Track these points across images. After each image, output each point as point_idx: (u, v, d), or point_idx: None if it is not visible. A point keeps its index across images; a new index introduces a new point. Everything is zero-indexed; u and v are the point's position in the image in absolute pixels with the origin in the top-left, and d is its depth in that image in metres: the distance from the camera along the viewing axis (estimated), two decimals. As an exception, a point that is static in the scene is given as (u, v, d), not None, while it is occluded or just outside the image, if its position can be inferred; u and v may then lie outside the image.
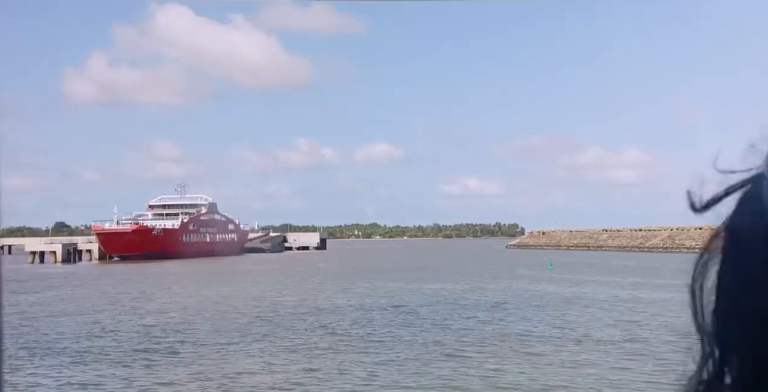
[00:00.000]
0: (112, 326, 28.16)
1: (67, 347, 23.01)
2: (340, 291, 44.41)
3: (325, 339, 23.04)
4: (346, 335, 24.39)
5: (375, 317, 29.74)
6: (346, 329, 25.90)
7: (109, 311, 34.09)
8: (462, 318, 28.79)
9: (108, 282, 56.49)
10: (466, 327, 25.87)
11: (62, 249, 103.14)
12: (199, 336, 24.85)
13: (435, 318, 28.89)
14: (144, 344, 23.38)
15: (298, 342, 22.76)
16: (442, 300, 36.85)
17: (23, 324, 29.04)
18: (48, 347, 23.10)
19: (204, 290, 46.58)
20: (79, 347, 23.03)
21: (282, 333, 24.94)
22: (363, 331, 24.96)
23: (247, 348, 22.27)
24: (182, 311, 33.55)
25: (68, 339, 24.53)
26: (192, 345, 23.03)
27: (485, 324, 26.74)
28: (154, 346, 22.89)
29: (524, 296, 38.54)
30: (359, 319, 28.73)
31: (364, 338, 23.36)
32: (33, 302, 39.26)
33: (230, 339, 24.10)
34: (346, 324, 27.48)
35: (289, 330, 26.00)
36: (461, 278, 56.06)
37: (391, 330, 25.34)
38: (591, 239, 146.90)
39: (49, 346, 23.27)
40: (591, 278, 53.61)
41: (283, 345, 22.39)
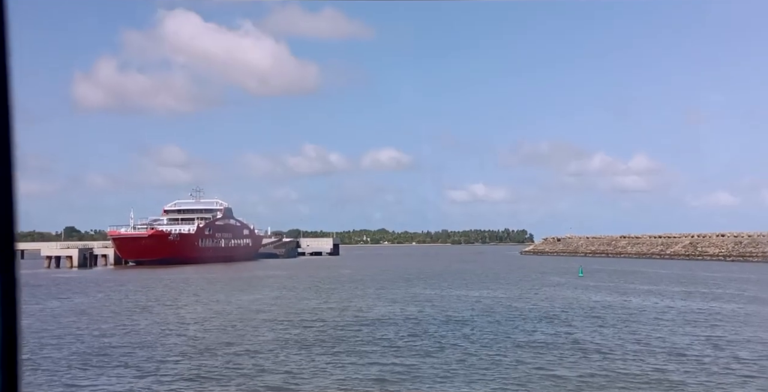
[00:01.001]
0: (161, 335, 26.72)
1: (124, 357, 21.56)
2: (379, 299, 42.88)
3: (398, 358, 21.28)
4: (414, 350, 22.77)
5: (433, 329, 28.17)
6: (411, 343, 24.22)
7: (148, 320, 32.63)
8: (526, 331, 27.16)
9: (133, 287, 55.09)
10: (538, 341, 24.21)
11: (78, 254, 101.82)
12: (261, 347, 23.34)
13: (498, 331, 27.24)
14: (205, 358, 21.90)
15: (371, 359, 21.10)
16: (492, 310, 35.28)
17: (70, 332, 27.63)
18: (104, 355, 21.66)
19: (236, 297, 45.13)
20: (136, 358, 21.57)
21: (346, 346, 23.33)
22: (429, 346, 23.23)
23: (316, 360, 20.79)
24: (226, 319, 32.07)
25: (121, 350, 23.09)
26: (261, 357, 21.52)
27: (557, 337, 25.08)
28: (213, 361, 21.41)
29: (575, 305, 36.96)
30: (418, 332, 27.12)
31: (434, 354, 21.63)
32: (68, 309, 37.88)
33: (295, 350, 22.60)
34: (405, 335, 25.91)
35: (352, 343, 24.43)
36: (496, 285, 54.55)
37: (459, 344, 23.76)
38: (609, 246, 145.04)
39: (106, 354, 21.85)
40: (631, 286, 52.02)
41: (352, 362, 20.83)
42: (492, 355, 21.23)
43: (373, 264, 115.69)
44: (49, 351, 23.08)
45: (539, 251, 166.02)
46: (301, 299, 42.88)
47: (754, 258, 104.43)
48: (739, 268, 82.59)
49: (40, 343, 24.63)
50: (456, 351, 21.80)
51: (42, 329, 28.82)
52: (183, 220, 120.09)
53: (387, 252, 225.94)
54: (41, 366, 20.40)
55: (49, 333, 27.66)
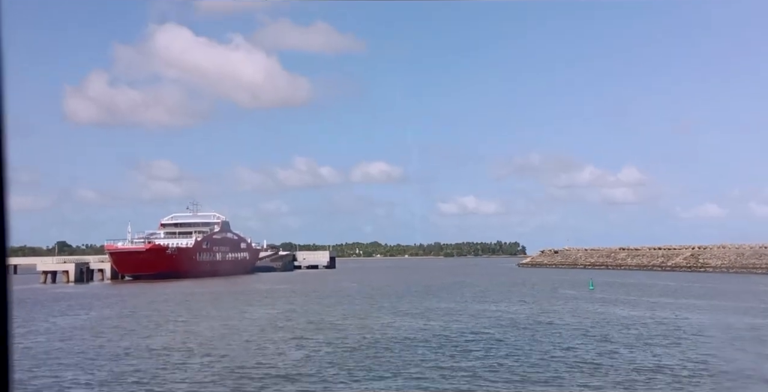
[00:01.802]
0: (187, 355, 25.42)
1: (156, 381, 20.28)
2: (399, 314, 41.64)
3: (450, 381, 20.11)
4: (464, 371, 21.53)
5: (470, 347, 26.98)
6: (456, 364, 22.92)
7: (167, 337, 31.31)
8: (570, 349, 25.91)
9: (138, 303, 53.64)
10: (590, 361, 22.84)
11: (75, 268, 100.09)
12: (297, 369, 22.07)
13: (541, 349, 25.92)
14: (243, 381, 20.64)
15: (423, 383, 19.88)
16: (521, 325, 34.15)
17: (90, 352, 26.29)
18: (138, 382, 20.37)
19: (249, 312, 43.82)
20: (169, 383, 20.31)
21: (390, 368, 22.08)
22: (477, 367, 21.91)
23: (362, 382, 19.60)
24: (248, 336, 30.76)
25: (149, 373, 21.79)
26: (305, 381, 20.30)
27: (607, 357, 23.75)
28: (253, 386, 20.17)
29: (605, 320, 35.84)
30: (456, 351, 25.79)
31: (486, 377, 20.40)
32: (79, 326, 36.48)
33: (334, 371, 21.38)
34: (446, 355, 24.70)
35: (394, 364, 23.18)
36: (511, 298, 53.42)
37: (506, 364, 22.58)
38: (609, 258, 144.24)
39: (138, 380, 20.57)
40: (652, 299, 51.03)
41: (405, 386, 19.64)
42: (550, 377, 20.04)
43: (374, 277, 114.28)
44: (75, 373, 21.78)
45: (537, 263, 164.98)
46: (317, 314, 41.57)
47: (758, 269, 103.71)
48: (747, 280, 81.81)
49: (61, 364, 23.33)
50: (507, 372, 20.59)
51: (59, 348, 27.51)
52: (180, 234, 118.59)
53: (382, 265, 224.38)
54: (70, 390, 19.14)
55: (66, 352, 26.35)
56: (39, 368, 22.30)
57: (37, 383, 19.53)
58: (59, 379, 20.56)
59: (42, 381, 19.80)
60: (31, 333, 32.74)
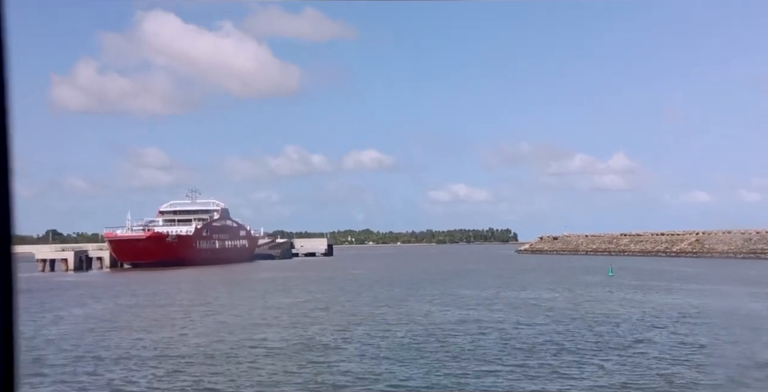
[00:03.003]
0: (235, 347, 23.59)
1: (216, 379, 18.48)
2: (430, 302, 40.00)
3: (535, 381, 18.38)
4: (547, 368, 19.80)
5: (531, 340, 25.30)
6: (530, 360, 21.21)
7: (201, 328, 29.48)
8: (643, 340, 24.35)
9: (149, 291, 51.71)
10: (675, 356, 21.26)
11: (74, 256, 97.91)
12: (358, 365, 20.29)
13: (612, 341, 24.40)
14: (312, 376, 18.89)
15: (509, 380, 18.17)
16: (566, 314, 32.52)
17: (126, 345, 24.43)
18: (197, 379, 18.57)
19: (270, 300, 42.03)
20: (237, 380, 18.52)
21: (464, 364, 20.39)
22: (556, 362, 20.01)
23: (442, 376, 17.88)
24: (286, 326, 28.95)
25: (203, 367, 19.97)
26: (382, 378, 18.55)
27: (689, 349, 22.16)
28: (325, 378, 18.42)
29: (656, 308, 34.16)
30: (520, 344, 24.10)
31: (573, 375, 18.50)
32: (99, 317, 34.49)
33: (400, 367, 19.64)
34: (511, 349, 23.00)
35: (463, 358, 21.47)
36: (534, 285, 51.82)
37: (589, 361, 20.97)
38: (611, 244, 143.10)
39: (195, 377, 18.76)
40: (686, 286, 49.57)
41: (494, 384, 17.92)
42: (646, 375, 18.33)
43: (377, 264, 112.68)
44: (110, 367, 19.96)
45: (537, 250, 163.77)
46: (345, 303, 39.84)
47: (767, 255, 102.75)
48: (761, 266, 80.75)
49: (97, 357, 21.49)
50: (598, 371, 18.83)
51: (84, 341, 25.66)
52: (180, 222, 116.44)
53: (378, 252, 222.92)
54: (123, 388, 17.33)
55: (96, 345, 24.48)
56: (80, 363, 20.47)
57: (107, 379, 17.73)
58: (100, 377, 18.77)
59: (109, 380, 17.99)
60: (55, 324, 30.85)
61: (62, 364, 20.51)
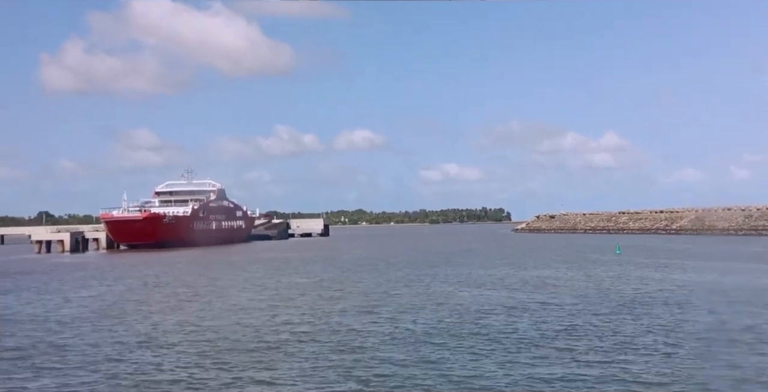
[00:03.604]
0: (254, 328, 22.50)
1: (285, 365, 17.41)
2: (446, 282, 39.06)
3: (589, 367, 17.32)
4: (599, 353, 18.86)
5: (567, 321, 24.33)
6: (577, 343, 20.37)
7: (213, 309, 28.36)
8: (685, 321, 23.48)
9: (154, 272, 50.53)
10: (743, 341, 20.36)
11: (70, 238, 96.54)
12: (402, 351, 19.23)
13: (652, 324, 23.48)
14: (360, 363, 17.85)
15: (573, 369, 17.15)
16: (597, 295, 31.57)
17: (171, 333, 23.32)
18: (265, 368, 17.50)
19: (280, 279, 40.98)
20: (300, 365, 17.45)
21: (515, 351, 19.39)
22: (609, 347, 19.13)
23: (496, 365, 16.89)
24: (313, 308, 27.90)
25: (259, 354, 18.90)
26: (432, 366, 17.52)
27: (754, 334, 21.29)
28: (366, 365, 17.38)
29: (682, 287, 33.28)
30: (560, 326, 23.14)
31: (636, 361, 17.45)
32: (105, 297, 33.28)
33: (447, 354, 18.63)
34: (551, 332, 22.00)
35: (507, 342, 20.51)
36: (549, 264, 51.00)
37: (642, 343, 20.03)
38: (610, 222, 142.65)
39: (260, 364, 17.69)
40: (700, 264, 48.78)
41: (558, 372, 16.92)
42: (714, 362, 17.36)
43: (376, 244, 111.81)
44: (135, 352, 18.88)
45: (534, 229, 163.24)
46: (355, 283, 38.80)
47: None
48: (763, 242, 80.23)
49: (119, 342, 20.41)
50: (657, 356, 17.83)
51: (99, 324, 24.55)
52: (176, 202, 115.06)
53: (374, 233, 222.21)
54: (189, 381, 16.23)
55: (114, 329, 23.38)
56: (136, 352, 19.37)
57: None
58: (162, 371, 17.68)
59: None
60: (65, 306, 29.70)
61: (84, 349, 19.38)
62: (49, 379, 15.93)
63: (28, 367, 17.23)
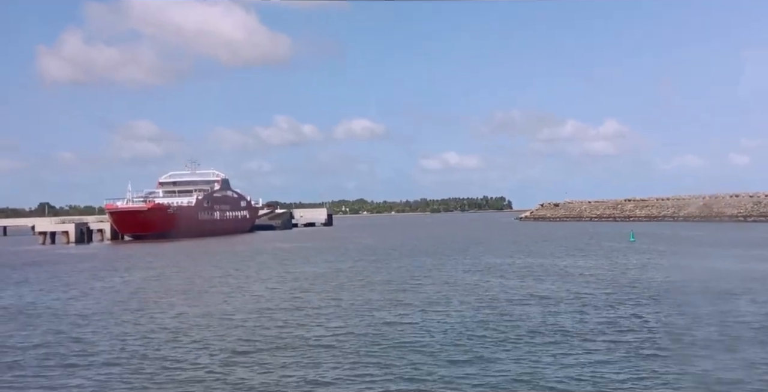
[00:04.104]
0: (284, 321, 21.70)
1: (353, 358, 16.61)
2: (468, 271, 38.29)
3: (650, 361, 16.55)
4: (657, 347, 18.10)
5: (609, 313, 23.59)
6: (627, 337, 19.58)
7: (235, 300, 27.54)
8: (717, 309, 22.69)
9: (163, 263, 49.72)
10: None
11: (75, 229, 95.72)
12: (466, 347, 18.46)
13: (691, 310, 22.71)
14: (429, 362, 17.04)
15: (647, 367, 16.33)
16: (623, 283, 30.87)
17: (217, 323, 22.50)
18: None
19: (298, 269, 40.21)
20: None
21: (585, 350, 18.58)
22: (662, 341, 18.34)
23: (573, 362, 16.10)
24: (332, 298, 27.10)
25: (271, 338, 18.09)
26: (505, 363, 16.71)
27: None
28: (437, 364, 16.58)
29: (723, 277, 32.45)
30: (604, 318, 22.50)
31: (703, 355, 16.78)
32: (120, 289, 32.42)
33: (510, 349, 17.83)
34: (596, 324, 21.24)
35: (564, 336, 19.75)
36: (569, 253, 50.18)
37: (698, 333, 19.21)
38: (616, 209, 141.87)
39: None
40: (722, 252, 48.02)
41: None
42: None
43: (382, 233, 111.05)
44: (166, 348, 18.09)
45: (539, 217, 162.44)
46: (373, 273, 38.00)
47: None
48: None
49: (145, 337, 19.62)
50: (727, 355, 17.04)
51: (121, 317, 23.76)
52: (180, 193, 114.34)
53: (377, 222, 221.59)
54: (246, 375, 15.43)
55: (138, 322, 22.57)
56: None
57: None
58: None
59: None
60: (81, 299, 28.89)
61: (112, 344, 18.56)
62: (81, 378, 15.11)
63: (57, 365, 16.41)
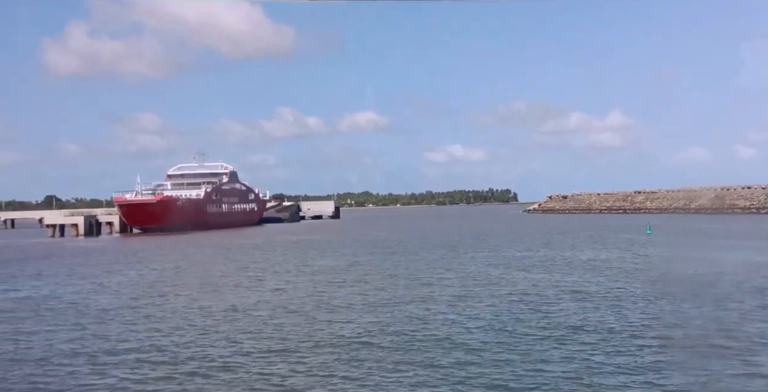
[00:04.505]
0: (315, 319, 21.05)
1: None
2: (480, 263, 37.60)
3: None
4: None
5: (654, 308, 22.91)
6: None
7: (261, 295, 26.90)
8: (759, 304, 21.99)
9: (177, 256, 49.13)
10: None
11: (84, 221, 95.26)
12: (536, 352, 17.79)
13: (739, 305, 21.99)
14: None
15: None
16: (654, 277, 30.17)
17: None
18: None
19: (310, 264, 39.57)
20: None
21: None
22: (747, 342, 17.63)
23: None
24: (358, 292, 26.42)
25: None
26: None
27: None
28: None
29: (751, 269, 31.74)
30: (637, 313, 21.82)
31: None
32: (139, 282, 31.75)
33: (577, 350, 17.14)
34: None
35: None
36: (591, 246, 49.40)
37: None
38: (626, 201, 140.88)
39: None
40: (745, 244, 47.15)
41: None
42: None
43: (391, 226, 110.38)
44: (200, 345, 17.45)
45: (548, 209, 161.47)
46: (393, 266, 37.32)
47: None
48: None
49: (175, 333, 18.97)
50: None
51: (144, 311, 23.11)
52: (188, 185, 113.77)
53: (384, 215, 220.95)
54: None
55: (165, 317, 21.93)
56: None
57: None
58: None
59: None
60: (101, 292, 28.28)
61: (140, 341, 17.90)
62: (113, 378, 14.47)
63: (87, 363, 15.78)
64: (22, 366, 15.59)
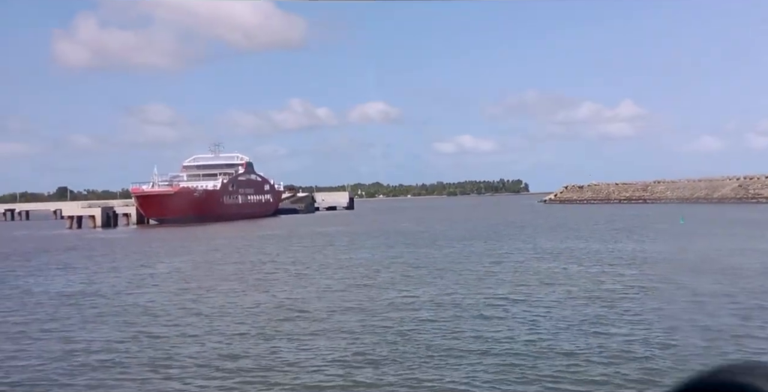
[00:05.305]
0: (370, 315, 19.71)
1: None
2: (522, 255, 36.23)
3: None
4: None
5: (743, 302, 21.49)
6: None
7: (305, 289, 25.60)
8: None
9: (203, 248, 47.94)
10: None
11: (101, 213, 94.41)
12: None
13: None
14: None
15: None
16: (717, 270, 28.74)
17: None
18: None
19: (344, 257, 38.31)
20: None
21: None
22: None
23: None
24: (408, 287, 25.12)
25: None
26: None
27: None
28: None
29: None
30: (730, 309, 20.44)
31: None
32: (169, 275, 30.49)
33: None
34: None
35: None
36: (618, 235, 47.96)
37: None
38: (645, 191, 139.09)
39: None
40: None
41: None
42: None
43: (409, 216, 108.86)
44: (261, 344, 16.15)
45: (565, 199, 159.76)
46: (431, 259, 35.95)
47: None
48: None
49: (222, 333, 17.68)
50: None
51: (186, 307, 21.84)
52: (204, 176, 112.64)
53: (396, 206, 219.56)
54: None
55: (210, 314, 20.64)
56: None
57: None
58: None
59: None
60: (138, 286, 27.07)
61: (200, 344, 16.58)
62: (178, 382, 13.18)
63: (149, 364, 14.49)
64: (89, 370, 14.30)
